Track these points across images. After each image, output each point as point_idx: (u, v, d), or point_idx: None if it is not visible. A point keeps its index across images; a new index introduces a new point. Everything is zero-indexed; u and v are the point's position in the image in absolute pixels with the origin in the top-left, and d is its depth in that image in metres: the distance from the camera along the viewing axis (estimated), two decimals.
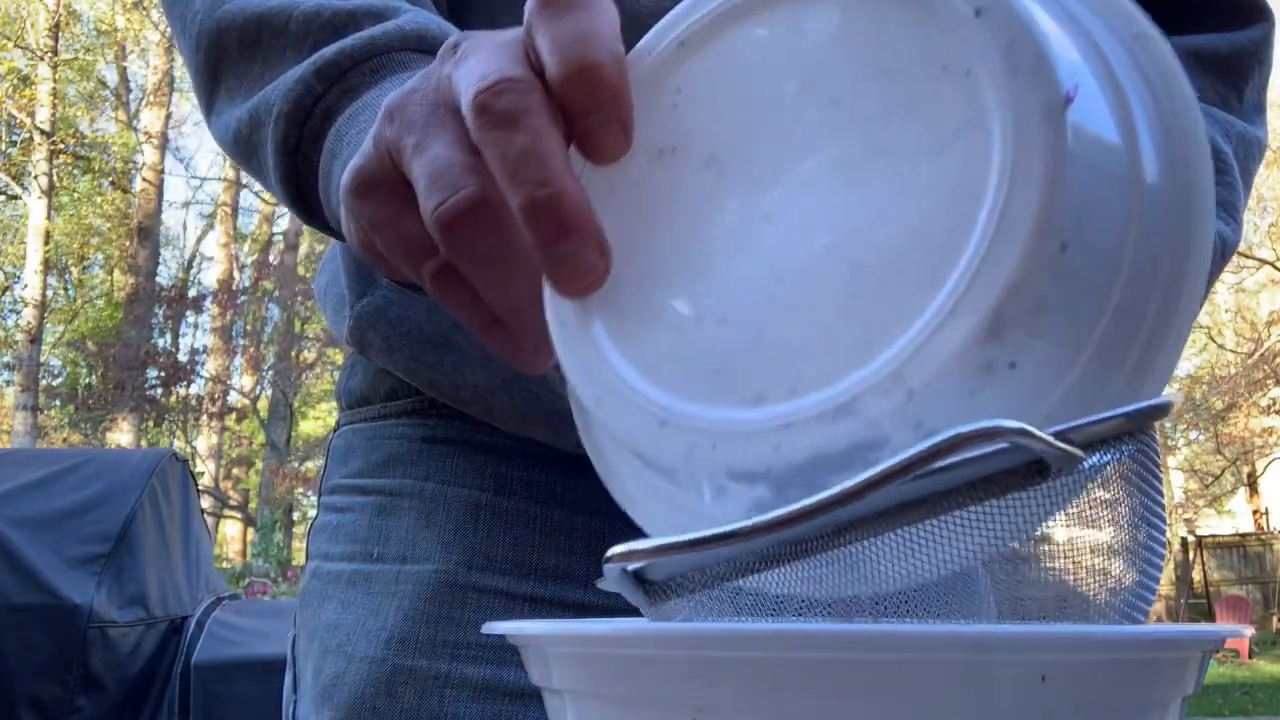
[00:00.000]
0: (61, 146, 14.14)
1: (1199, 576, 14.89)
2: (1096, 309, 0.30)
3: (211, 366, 17.00)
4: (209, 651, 3.44)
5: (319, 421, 19.82)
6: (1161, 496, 0.31)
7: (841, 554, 0.29)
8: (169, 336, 17.77)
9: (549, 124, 0.35)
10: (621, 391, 0.34)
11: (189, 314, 17.91)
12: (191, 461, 5.78)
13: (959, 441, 0.26)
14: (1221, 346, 17.25)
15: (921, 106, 0.33)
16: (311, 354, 17.93)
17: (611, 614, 0.62)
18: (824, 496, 0.27)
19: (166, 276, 18.77)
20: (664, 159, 0.37)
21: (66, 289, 17.80)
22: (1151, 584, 0.31)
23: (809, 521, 0.28)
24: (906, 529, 0.29)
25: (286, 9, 0.53)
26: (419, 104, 0.38)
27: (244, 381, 18.13)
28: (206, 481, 16.72)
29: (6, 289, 17.06)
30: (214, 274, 17.98)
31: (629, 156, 0.37)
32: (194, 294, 17.81)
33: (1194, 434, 17.71)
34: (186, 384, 17.29)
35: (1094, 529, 0.30)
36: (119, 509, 3.43)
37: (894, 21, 0.34)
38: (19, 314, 13.97)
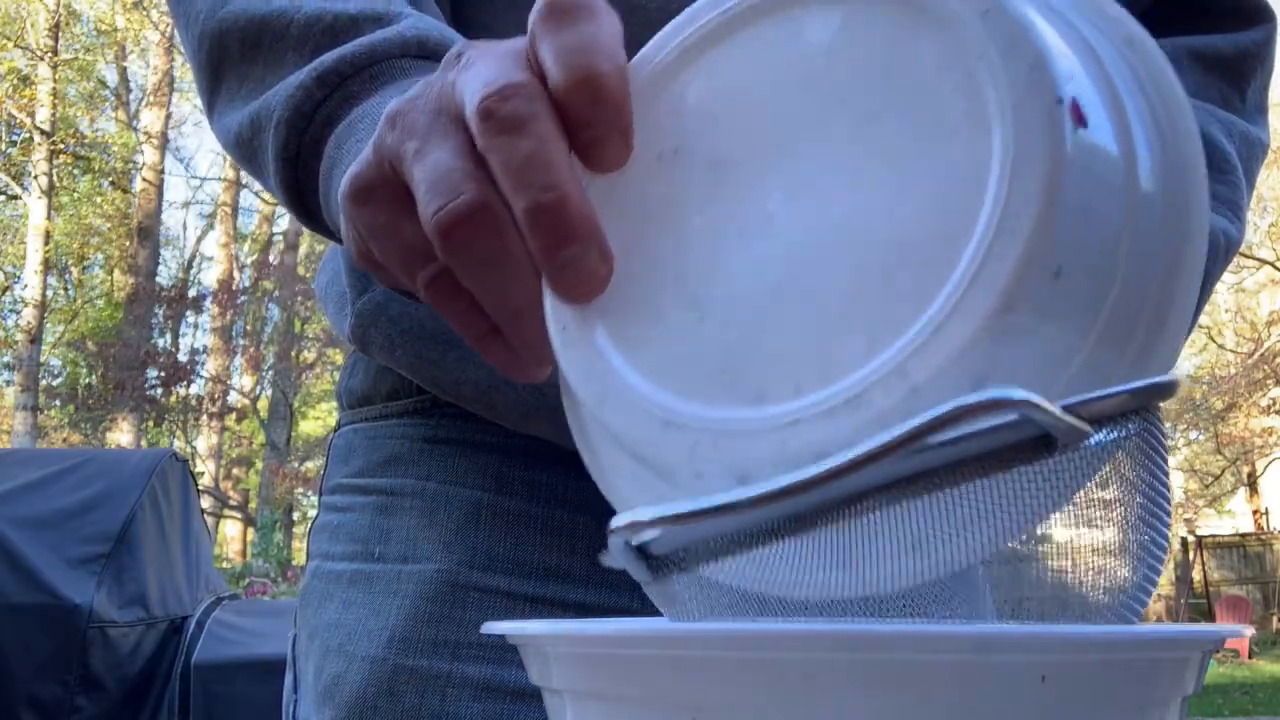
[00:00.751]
0: (61, 146, 14.15)
1: (1199, 576, 14.89)
2: (1094, 309, 0.31)
3: (211, 366, 17.01)
4: (209, 651, 3.44)
5: (319, 421, 19.82)
6: (1167, 478, 0.31)
7: (845, 531, 0.29)
8: (169, 336, 17.78)
9: (553, 130, 0.35)
10: (623, 392, 0.34)
11: (189, 314, 17.92)
12: (191, 461, 5.78)
13: (963, 412, 0.26)
14: (1221, 346, 17.25)
15: (922, 107, 0.33)
16: (311, 354, 17.94)
17: (612, 614, 0.62)
18: (829, 466, 0.27)
19: (166, 276, 18.80)
20: (665, 163, 0.37)
21: (66, 289, 17.81)
22: (1156, 565, 0.31)
23: (813, 491, 0.28)
24: (912, 502, 0.29)
25: (288, 12, 0.53)
26: (421, 111, 0.38)
27: (244, 381, 18.14)
28: (206, 481, 16.73)
29: (6, 289, 17.07)
30: (214, 274, 18.00)
31: (631, 161, 0.37)
32: (194, 294, 17.82)
33: (1194, 434, 17.71)
34: (186, 384, 17.30)
35: (1099, 509, 0.30)
36: (119, 509, 3.43)
37: (894, 26, 0.34)
38: (19, 314, 13.97)
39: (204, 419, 17.51)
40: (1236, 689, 9.56)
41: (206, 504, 14.94)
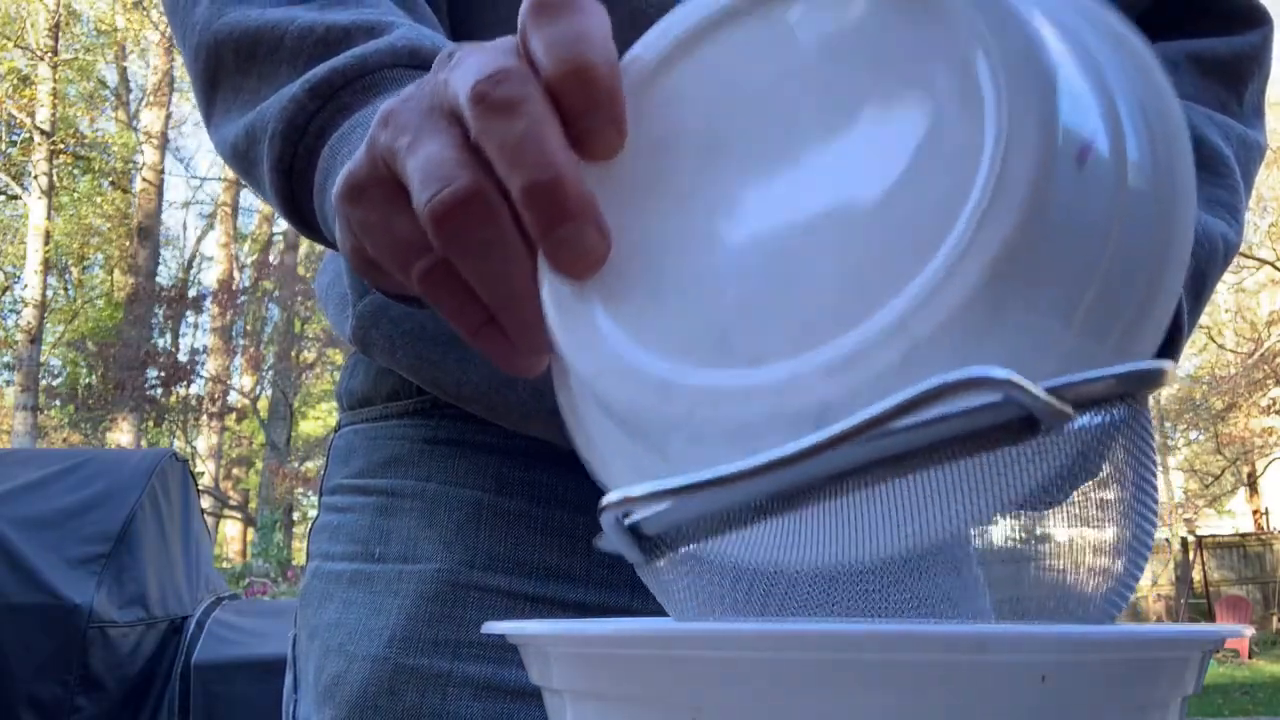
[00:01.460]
0: (61, 146, 14.14)
1: (1199, 576, 14.88)
2: (1079, 293, 0.31)
3: (211, 366, 17.01)
4: (209, 651, 3.44)
5: (319, 421, 19.83)
6: (1154, 467, 0.31)
7: (832, 510, 0.29)
8: (169, 336, 17.78)
9: (547, 111, 0.36)
10: (620, 362, 0.35)
11: (189, 314, 17.93)
12: (191, 461, 5.78)
13: (945, 389, 0.26)
14: (1221, 346, 17.25)
15: (914, 88, 0.34)
16: (311, 354, 17.94)
17: (612, 614, 0.62)
18: (813, 440, 0.27)
19: (166, 276, 18.80)
20: (658, 150, 0.38)
21: (66, 289, 17.81)
22: (1142, 555, 0.31)
23: (798, 466, 0.28)
24: (897, 481, 0.29)
25: (282, 24, 0.54)
26: (413, 109, 0.39)
27: (244, 381, 18.14)
28: (206, 481, 16.73)
29: (6, 289, 17.07)
30: (214, 274, 18.01)
31: (625, 149, 0.38)
32: (194, 294, 17.83)
33: (1194, 434, 17.72)
34: (186, 384, 17.30)
35: (1085, 497, 0.30)
36: (119, 509, 3.43)
37: (883, 13, 0.35)
38: (19, 314, 13.97)
39: (204, 419, 17.51)
40: (1236, 689, 9.56)
41: (206, 504, 14.93)
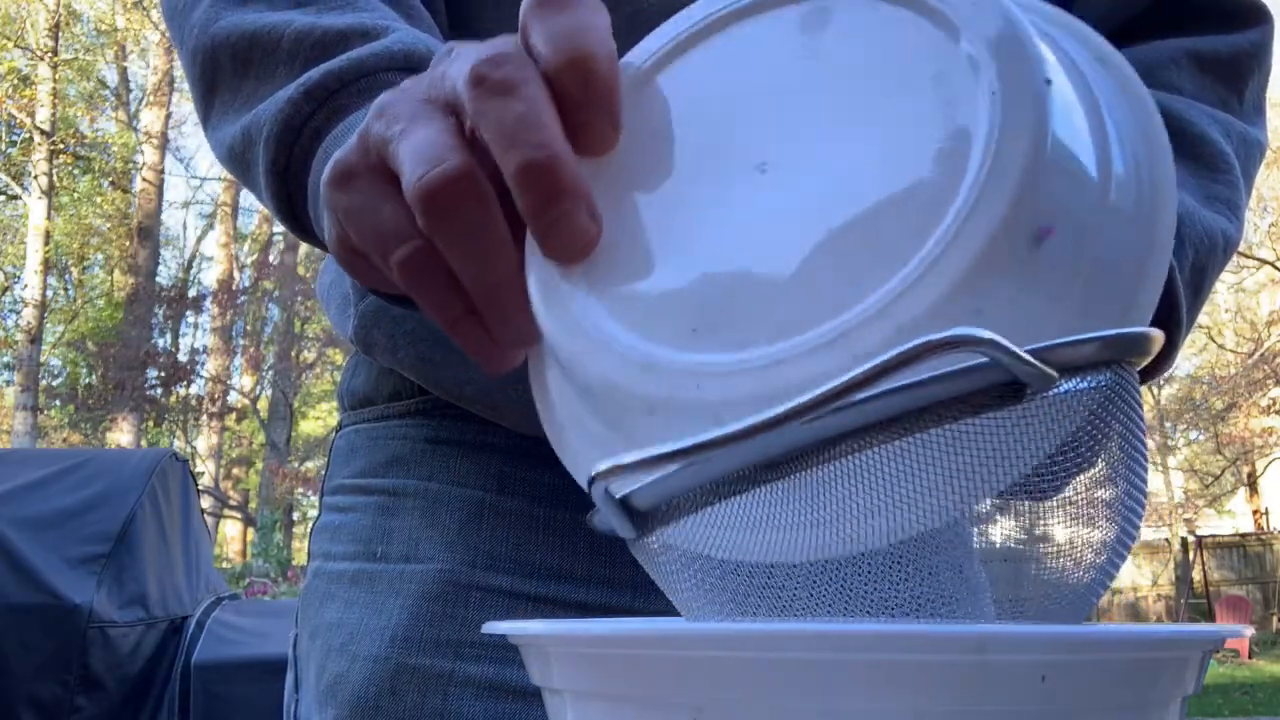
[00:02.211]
0: (61, 146, 14.14)
1: (1199, 576, 14.88)
2: (1068, 280, 0.32)
3: (211, 366, 17.01)
4: (209, 651, 3.43)
5: (319, 421, 19.83)
6: (1143, 435, 0.31)
7: (819, 479, 0.29)
8: (169, 336, 17.79)
9: (544, 95, 0.36)
10: (603, 343, 0.35)
11: (189, 314, 17.94)
12: (191, 461, 5.78)
13: (928, 348, 0.26)
14: (1221, 346, 17.25)
15: (909, 80, 0.34)
16: (311, 354, 17.95)
17: (613, 614, 0.62)
18: (800, 401, 0.28)
19: (166, 276, 18.81)
20: (652, 143, 0.38)
21: (66, 289, 17.81)
22: (1132, 530, 0.31)
23: (785, 428, 0.28)
24: (884, 449, 0.29)
25: (279, 27, 0.54)
26: (409, 100, 0.39)
27: (244, 381, 18.14)
28: (206, 481, 16.73)
29: (6, 289, 17.07)
30: (214, 274, 18.01)
31: (619, 143, 0.39)
32: (194, 294, 17.84)
33: (1194, 434, 17.71)
34: (186, 384, 17.31)
35: (1072, 465, 0.30)
36: (119, 509, 3.42)
37: (884, 11, 0.36)
38: (19, 314, 13.98)
39: (204, 419, 17.52)
40: (1236, 689, 9.56)
41: (206, 504, 14.94)
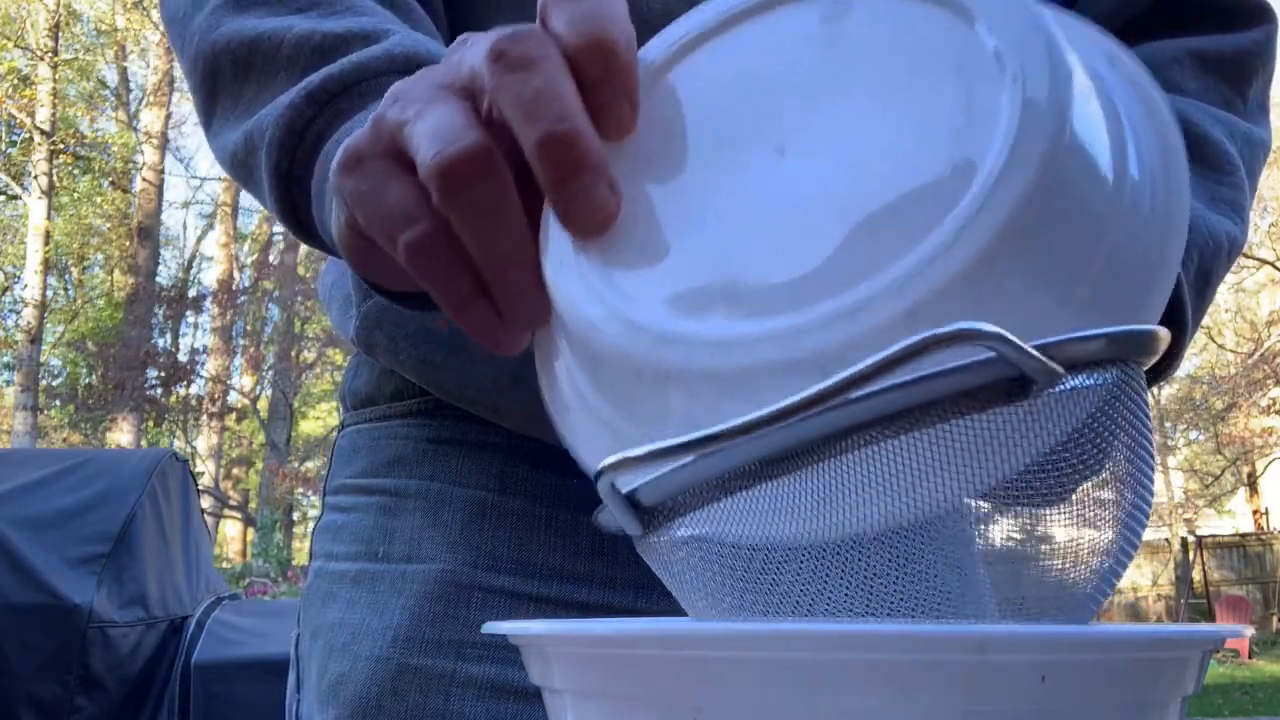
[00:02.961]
0: (61, 146, 14.14)
1: (1199, 576, 14.88)
2: (1078, 273, 0.32)
3: (211, 366, 17.01)
4: (209, 651, 3.43)
5: (319, 421, 19.82)
6: (1150, 434, 0.31)
7: (827, 475, 0.29)
8: (169, 336, 17.78)
9: (564, 69, 0.36)
10: (618, 312, 0.35)
11: (189, 314, 17.93)
12: (191, 461, 5.78)
13: (935, 341, 0.26)
14: (1221, 346, 17.24)
15: (931, 71, 0.34)
16: (311, 354, 17.94)
17: (614, 614, 0.62)
18: (806, 394, 0.28)
19: (166, 276, 18.80)
20: (670, 129, 0.39)
21: (66, 289, 17.81)
22: (1137, 531, 0.31)
23: (791, 421, 0.28)
24: (892, 443, 0.29)
25: (279, 33, 0.54)
26: (424, 85, 0.39)
27: (244, 381, 18.14)
28: (206, 481, 16.72)
29: (6, 289, 17.07)
30: (214, 274, 18.00)
31: (638, 128, 0.39)
32: (194, 294, 17.83)
33: (1194, 434, 17.71)
34: (186, 384, 17.31)
35: (1077, 464, 0.30)
36: (119, 509, 3.42)
37: (905, 3, 0.36)
38: (19, 314, 13.98)
39: (204, 419, 17.51)
40: (1236, 689, 9.55)
41: (206, 504, 14.93)
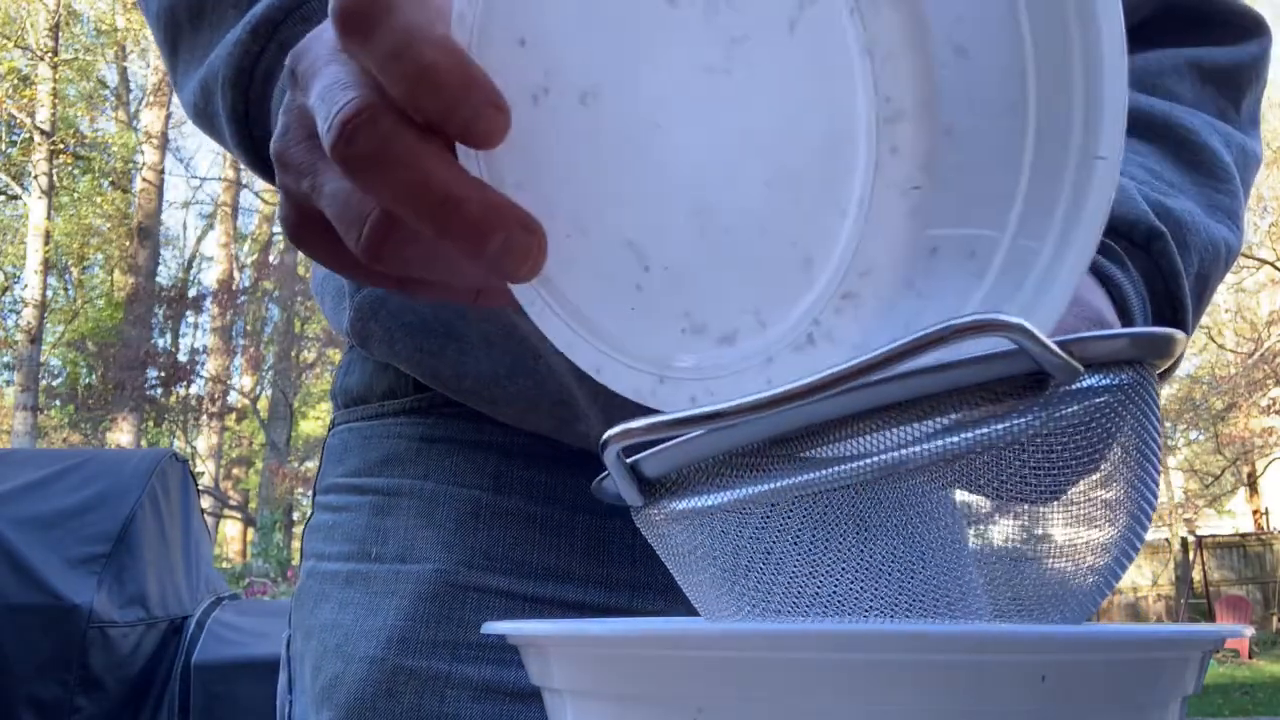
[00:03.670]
0: (61, 146, 14.15)
1: (1199, 576, 14.88)
2: (1006, 183, 0.29)
3: (211, 366, 17.01)
4: (209, 651, 3.44)
5: (319, 421, 19.82)
6: (1158, 438, 0.30)
7: (829, 456, 0.29)
8: (169, 336, 17.80)
9: (414, 141, 0.33)
10: (612, 357, 0.35)
11: (189, 314, 17.94)
12: (191, 461, 5.77)
13: (952, 332, 0.26)
14: (1221, 346, 17.24)
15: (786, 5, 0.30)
16: (311, 354, 17.95)
17: (611, 614, 0.62)
18: (815, 378, 0.27)
19: (166, 276, 18.81)
20: (538, 105, 0.35)
21: (66, 289, 17.81)
22: (1140, 532, 0.30)
23: (799, 402, 0.28)
24: (894, 431, 0.28)
25: None
26: (312, 56, 0.37)
27: (244, 381, 18.15)
28: (206, 481, 16.73)
29: (6, 289, 17.08)
30: (214, 274, 18.01)
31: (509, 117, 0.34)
32: (194, 294, 17.84)
33: (1194, 434, 17.71)
34: (186, 384, 17.31)
35: (1086, 463, 0.30)
36: (119, 509, 3.43)
37: None
38: (19, 314, 13.98)
39: (204, 419, 17.51)
40: (1236, 689, 9.55)
41: (206, 504, 14.93)
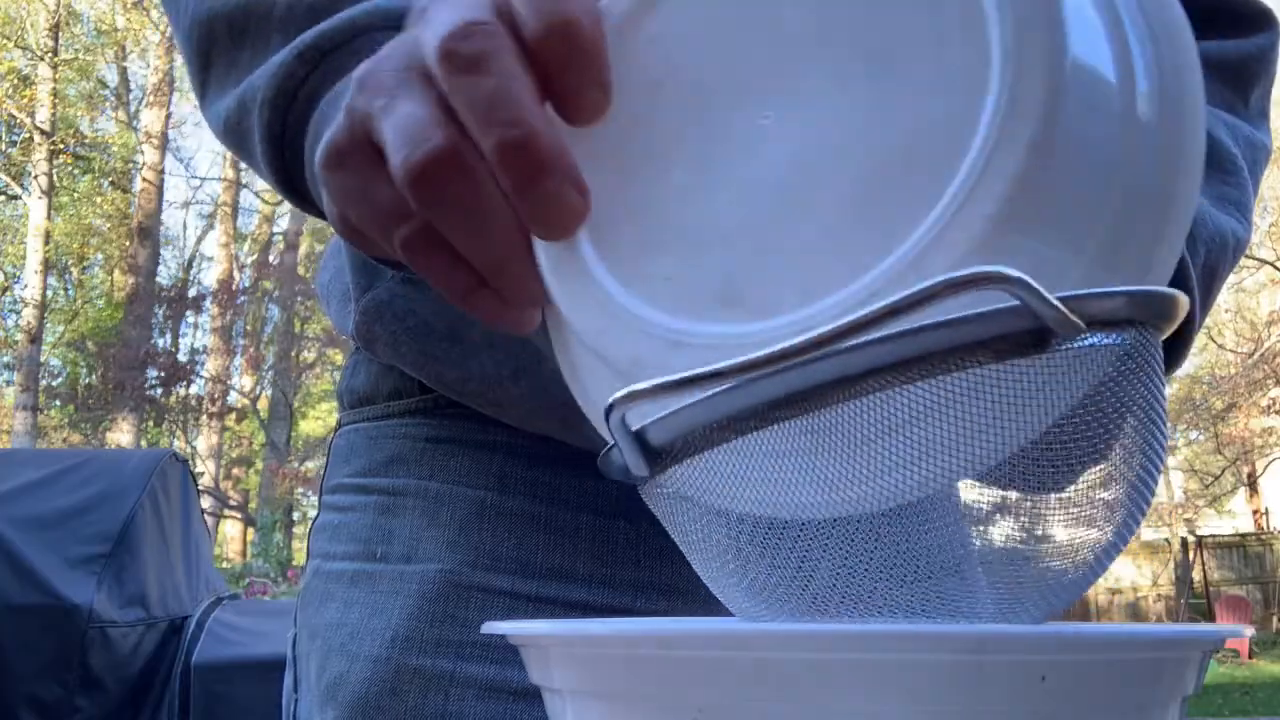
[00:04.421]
0: (61, 146, 14.15)
1: (1199, 576, 14.88)
2: (1092, 218, 0.31)
3: (211, 366, 16.99)
4: (209, 651, 3.43)
5: (319, 421, 19.82)
6: (1163, 400, 0.30)
7: (837, 420, 0.29)
8: (169, 336, 17.79)
9: (517, 65, 0.35)
10: (626, 321, 0.34)
11: (189, 314, 17.92)
12: (191, 461, 5.77)
13: (953, 284, 0.26)
14: (1221, 346, 17.23)
15: (914, 14, 0.32)
16: (311, 354, 17.95)
17: (614, 614, 0.62)
18: (818, 333, 0.27)
19: (166, 276, 18.79)
20: (647, 99, 0.37)
21: (66, 289, 17.81)
22: (1144, 501, 0.30)
23: (803, 359, 0.27)
24: (903, 391, 0.28)
25: None
26: (388, 70, 0.38)
27: (244, 381, 18.13)
28: (206, 481, 16.70)
29: (6, 289, 17.07)
30: (214, 274, 17.99)
31: (612, 105, 0.37)
32: (194, 294, 17.82)
33: (1194, 434, 17.70)
34: (186, 384, 17.30)
35: (1091, 427, 0.30)
36: (119, 509, 3.42)
37: None
38: (19, 314, 13.98)
39: (204, 419, 17.49)
40: (1236, 689, 9.55)
41: (206, 504, 14.92)
